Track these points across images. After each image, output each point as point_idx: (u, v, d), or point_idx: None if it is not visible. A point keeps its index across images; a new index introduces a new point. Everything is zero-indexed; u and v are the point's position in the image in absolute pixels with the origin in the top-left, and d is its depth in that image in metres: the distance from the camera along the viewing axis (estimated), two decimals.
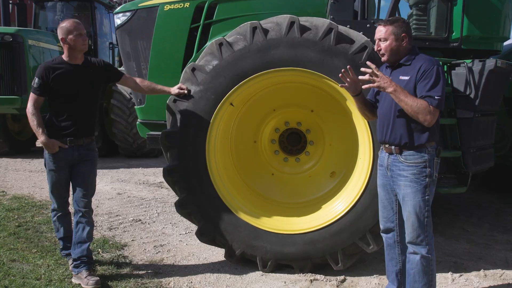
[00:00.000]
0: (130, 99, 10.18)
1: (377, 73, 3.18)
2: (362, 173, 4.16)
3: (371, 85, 3.24)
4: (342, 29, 4.02)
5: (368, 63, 3.25)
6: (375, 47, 3.40)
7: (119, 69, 4.67)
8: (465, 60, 4.51)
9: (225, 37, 4.14)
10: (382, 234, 3.70)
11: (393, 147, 3.36)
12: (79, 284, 3.95)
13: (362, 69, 3.27)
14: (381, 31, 3.32)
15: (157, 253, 4.85)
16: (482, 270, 4.45)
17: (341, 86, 3.49)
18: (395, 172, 3.38)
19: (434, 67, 3.16)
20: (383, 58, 3.39)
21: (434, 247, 3.39)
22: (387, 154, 3.45)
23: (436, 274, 4.13)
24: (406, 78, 3.25)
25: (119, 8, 5.42)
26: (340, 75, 3.40)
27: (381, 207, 3.62)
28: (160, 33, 5.02)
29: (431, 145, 3.28)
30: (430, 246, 3.31)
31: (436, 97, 3.10)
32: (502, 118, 5.84)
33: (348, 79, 3.38)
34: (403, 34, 3.27)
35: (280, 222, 4.37)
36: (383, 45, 3.32)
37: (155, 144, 4.92)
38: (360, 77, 3.31)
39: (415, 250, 3.34)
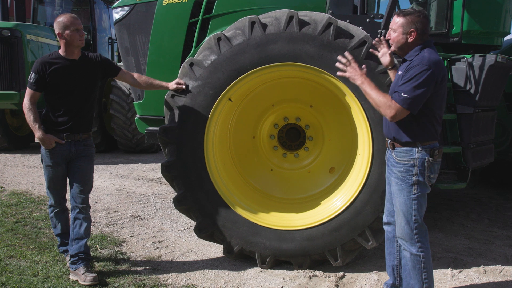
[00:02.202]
0: (129, 95, 10.16)
1: (352, 64, 3.31)
2: (361, 169, 4.13)
3: (343, 73, 3.36)
4: (341, 23, 3.99)
5: (346, 53, 3.37)
6: (387, 35, 3.39)
7: (118, 64, 4.63)
8: (465, 55, 4.48)
9: (223, 32, 4.11)
10: (384, 226, 3.70)
11: (389, 141, 3.38)
12: (77, 280, 3.93)
13: (339, 57, 3.38)
14: (393, 21, 3.29)
15: (155, 249, 4.83)
16: (481, 266, 4.44)
17: (340, 75, 3.49)
18: (389, 167, 3.41)
19: (419, 66, 3.07)
20: (391, 48, 3.39)
21: (434, 243, 3.37)
22: (387, 148, 3.46)
23: (436, 270, 4.15)
24: (400, 73, 3.22)
25: (117, 2, 5.38)
26: (341, 66, 3.41)
27: (386, 199, 3.63)
28: (159, 28, 4.98)
29: (424, 144, 3.21)
30: (421, 243, 3.27)
31: (402, 94, 3.05)
32: (502, 113, 5.82)
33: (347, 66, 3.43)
34: (411, 29, 3.21)
35: (279, 218, 4.35)
36: (392, 35, 3.31)
37: (154, 140, 4.90)
38: (337, 64, 3.41)
39: (405, 247, 3.34)
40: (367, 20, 4.56)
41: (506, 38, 5.34)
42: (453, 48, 4.91)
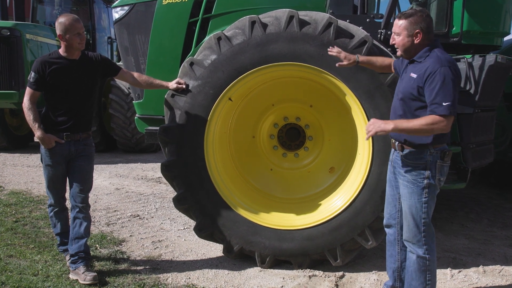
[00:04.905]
0: (128, 94, 10.15)
1: (372, 120, 3.12)
2: (361, 169, 4.13)
3: (368, 136, 3.13)
4: (342, 23, 3.99)
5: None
6: (391, 40, 3.30)
7: (118, 63, 4.62)
8: (465, 56, 4.49)
9: (223, 32, 4.11)
10: (385, 228, 3.68)
11: (396, 142, 3.31)
12: (77, 279, 3.93)
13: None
14: (396, 24, 3.20)
15: (155, 248, 4.83)
16: (481, 266, 4.44)
17: (339, 65, 3.58)
18: (397, 169, 3.35)
19: (438, 69, 2.97)
20: (398, 53, 3.29)
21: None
22: (393, 149, 3.40)
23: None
24: (414, 76, 3.12)
25: (117, 2, 5.37)
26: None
27: (386, 202, 3.59)
28: (159, 27, 4.98)
29: (437, 147, 3.16)
30: (428, 246, 3.25)
31: (444, 104, 2.93)
32: (502, 113, 5.83)
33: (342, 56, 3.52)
34: (416, 31, 3.12)
35: (279, 217, 4.35)
36: (396, 39, 3.22)
37: (153, 139, 4.90)
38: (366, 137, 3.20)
39: (411, 250, 3.31)
40: (367, 20, 4.57)
41: (506, 38, 5.35)
42: (453, 48, 4.91)
